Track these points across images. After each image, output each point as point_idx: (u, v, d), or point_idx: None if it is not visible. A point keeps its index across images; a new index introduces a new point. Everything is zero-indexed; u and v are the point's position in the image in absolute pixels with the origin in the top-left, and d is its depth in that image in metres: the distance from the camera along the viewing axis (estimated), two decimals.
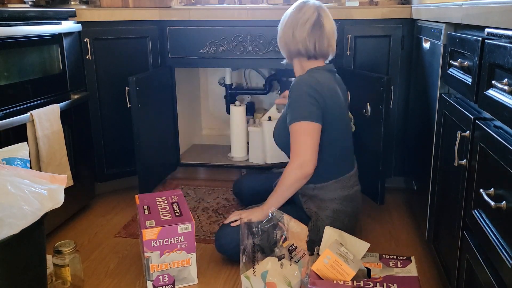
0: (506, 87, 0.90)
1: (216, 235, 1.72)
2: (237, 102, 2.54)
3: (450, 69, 1.39)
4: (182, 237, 1.52)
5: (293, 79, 2.51)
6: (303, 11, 1.68)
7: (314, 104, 1.58)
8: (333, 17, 2.15)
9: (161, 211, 1.60)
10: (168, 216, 1.56)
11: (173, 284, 1.56)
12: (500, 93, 0.96)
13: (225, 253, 1.71)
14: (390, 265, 1.46)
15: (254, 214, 1.65)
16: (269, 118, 2.43)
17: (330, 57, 1.75)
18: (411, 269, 1.43)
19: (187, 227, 1.52)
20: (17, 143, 1.47)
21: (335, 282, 1.34)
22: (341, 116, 1.67)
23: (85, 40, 2.10)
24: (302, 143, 1.57)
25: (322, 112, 1.59)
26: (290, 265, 1.46)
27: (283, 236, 1.53)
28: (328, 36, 1.68)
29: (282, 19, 1.76)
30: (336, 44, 1.74)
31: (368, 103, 1.98)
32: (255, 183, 2.07)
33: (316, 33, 1.66)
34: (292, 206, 1.71)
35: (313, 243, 1.57)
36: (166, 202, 1.67)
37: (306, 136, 1.57)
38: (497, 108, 0.96)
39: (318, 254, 1.45)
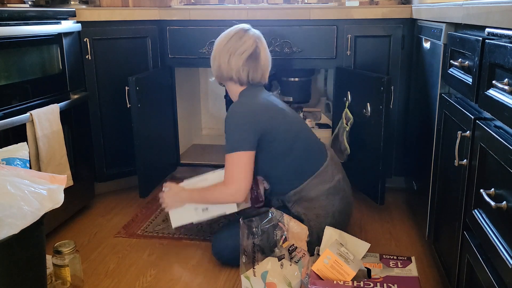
0: (506, 87, 0.90)
1: (212, 241, 1.74)
2: None
3: (451, 69, 1.39)
4: None
5: (293, 79, 2.53)
6: (243, 40, 1.71)
7: (248, 130, 1.62)
8: (333, 17, 2.17)
9: None
10: None
11: None
12: (501, 93, 0.96)
13: (221, 259, 1.71)
14: (390, 265, 1.46)
15: (170, 199, 1.80)
16: None
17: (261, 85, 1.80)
18: (411, 269, 1.43)
19: None
20: (16, 143, 1.47)
21: (335, 282, 1.34)
22: (287, 124, 1.69)
23: (85, 40, 2.10)
24: (237, 173, 1.63)
25: (260, 135, 1.64)
26: (290, 265, 1.45)
27: (283, 237, 1.53)
28: (262, 68, 1.74)
29: (219, 41, 1.77)
30: (268, 74, 1.80)
31: (368, 103, 1.98)
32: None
33: (251, 64, 1.71)
34: (283, 211, 1.68)
35: (310, 244, 1.57)
36: None
37: (241, 166, 1.62)
38: (497, 108, 0.95)
39: (318, 254, 1.45)
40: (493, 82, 0.98)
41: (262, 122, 1.64)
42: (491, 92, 1.01)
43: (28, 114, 1.68)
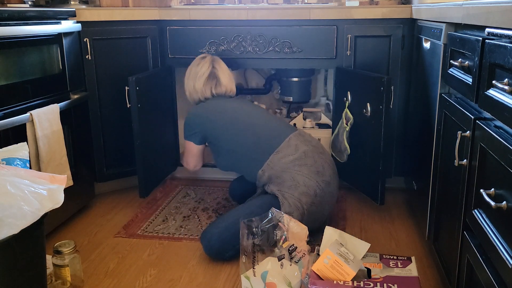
0: (506, 87, 0.90)
1: (201, 234, 1.79)
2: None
3: (451, 69, 1.39)
4: None
5: (293, 79, 2.52)
6: (200, 66, 2.09)
7: (195, 130, 2.01)
8: (333, 17, 2.17)
9: None
10: None
11: None
12: (501, 93, 0.96)
13: (209, 248, 1.73)
14: (391, 265, 1.46)
15: None
16: None
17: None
18: (411, 269, 1.43)
19: None
20: (16, 143, 1.47)
21: (335, 282, 1.34)
22: (231, 125, 1.95)
23: (85, 40, 2.10)
24: (187, 157, 2.11)
25: (203, 135, 2.00)
26: (290, 265, 1.45)
27: (283, 237, 1.53)
28: (224, 83, 2.09)
29: (186, 74, 2.15)
30: (234, 87, 2.14)
31: (368, 103, 1.98)
32: (246, 183, 2.08)
33: (212, 82, 2.07)
34: (261, 197, 1.85)
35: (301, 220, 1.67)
36: None
37: (191, 153, 2.09)
38: (497, 108, 0.95)
39: (318, 254, 1.45)
40: (493, 82, 0.98)
41: (203, 125, 1.99)
42: (491, 92, 1.01)
43: (28, 114, 1.68)
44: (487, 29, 1.03)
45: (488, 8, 1.04)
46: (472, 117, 1.14)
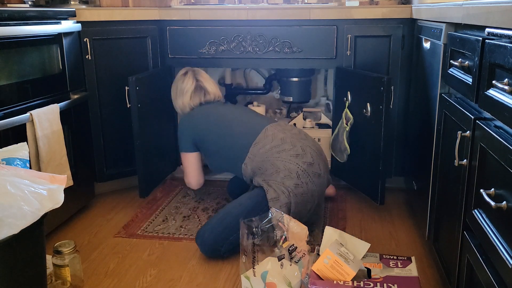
0: (506, 87, 0.90)
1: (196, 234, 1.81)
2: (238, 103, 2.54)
3: (451, 69, 1.39)
4: None
5: (293, 79, 2.52)
6: (185, 82, 2.18)
7: (186, 137, 2.09)
8: (333, 17, 2.17)
9: None
10: None
11: None
12: (501, 93, 0.96)
13: (203, 244, 1.74)
14: (391, 265, 1.46)
15: None
16: None
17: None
18: (412, 269, 1.43)
19: None
20: (16, 143, 1.47)
21: (335, 282, 1.34)
22: (215, 127, 2.02)
23: (85, 40, 2.10)
24: (186, 169, 2.16)
25: (193, 139, 2.07)
26: (290, 265, 1.45)
27: (283, 237, 1.53)
28: (211, 92, 2.18)
29: (172, 91, 2.25)
30: (220, 93, 2.24)
31: (368, 103, 1.98)
32: (242, 182, 2.09)
33: (200, 94, 2.16)
34: (250, 190, 1.91)
35: (275, 204, 1.74)
36: None
37: (189, 164, 2.14)
38: (497, 108, 0.95)
39: (318, 254, 1.45)
40: (493, 82, 0.98)
41: (190, 130, 2.08)
42: (491, 92, 1.01)
43: (28, 114, 1.68)
44: (487, 29, 1.03)
45: (488, 8, 1.04)
46: (472, 117, 1.14)
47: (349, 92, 2.12)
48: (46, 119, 1.75)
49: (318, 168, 1.84)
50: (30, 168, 1.56)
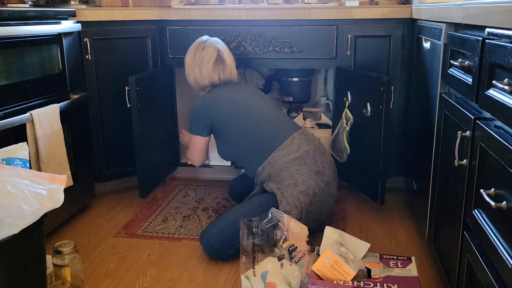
0: (506, 87, 0.90)
1: (200, 235, 1.78)
2: None
3: (451, 69, 1.39)
4: None
5: (293, 79, 2.52)
6: (205, 50, 2.01)
7: (201, 121, 1.96)
8: (333, 17, 2.17)
9: None
10: None
11: None
12: (501, 93, 0.96)
13: (209, 248, 1.72)
14: (391, 265, 1.46)
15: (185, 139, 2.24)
16: None
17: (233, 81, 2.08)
18: (412, 269, 1.43)
19: None
20: (16, 143, 1.47)
21: (335, 282, 1.34)
22: (236, 114, 1.92)
23: (85, 40, 2.10)
24: (194, 152, 2.05)
25: (211, 124, 1.95)
26: (290, 265, 1.45)
27: (283, 237, 1.53)
28: (229, 67, 2.03)
29: (187, 58, 2.07)
30: (235, 70, 2.08)
31: (368, 103, 1.98)
32: (246, 182, 2.09)
33: (220, 67, 2.00)
34: (259, 196, 1.84)
35: (297, 219, 1.71)
36: None
37: (198, 148, 2.03)
38: (497, 108, 0.95)
39: (318, 254, 1.45)
40: (493, 82, 0.98)
41: (210, 114, 1.94)
42: (491, 92, 1.01)
43: (28, 114, 1.68)
44: (487, 29, 1.03)
45: (488, 8, 1.04)
46: (472, 117, 1.14)
47: (349, 92, 2.12)
48: (46, 119, 1.75)
49: (333, 188, 1.85)
50: (30, 168, 1.56)
